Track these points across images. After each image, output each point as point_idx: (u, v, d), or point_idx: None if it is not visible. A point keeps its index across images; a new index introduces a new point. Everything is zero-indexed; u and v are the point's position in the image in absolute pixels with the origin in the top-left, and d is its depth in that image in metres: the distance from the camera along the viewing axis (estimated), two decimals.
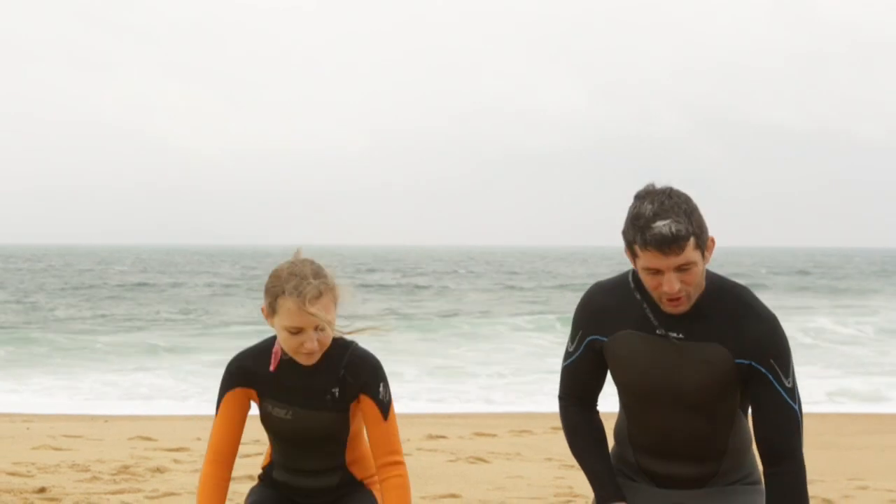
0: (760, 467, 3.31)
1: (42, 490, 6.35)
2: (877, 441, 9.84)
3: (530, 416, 11.67)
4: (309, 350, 3.23)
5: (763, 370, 3.02)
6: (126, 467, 7.31)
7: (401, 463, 3.30)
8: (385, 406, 3.30)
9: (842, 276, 57.64)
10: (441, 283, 46.28)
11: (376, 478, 3.46)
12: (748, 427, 3.23)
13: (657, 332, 3.06)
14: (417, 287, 42.92)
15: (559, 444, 9.18)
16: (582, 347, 3.16)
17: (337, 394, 3.28)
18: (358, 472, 3.42)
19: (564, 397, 3.25)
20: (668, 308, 3.01)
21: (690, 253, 2.92)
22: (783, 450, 3.02)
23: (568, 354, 3.21)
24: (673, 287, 2.94)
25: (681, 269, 2.93)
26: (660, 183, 3.00)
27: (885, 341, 21.04)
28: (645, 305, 3.08)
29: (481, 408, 13.18)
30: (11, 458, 7.60)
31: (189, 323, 25.63)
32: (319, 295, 3.20)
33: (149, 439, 9.00)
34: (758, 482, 3.28)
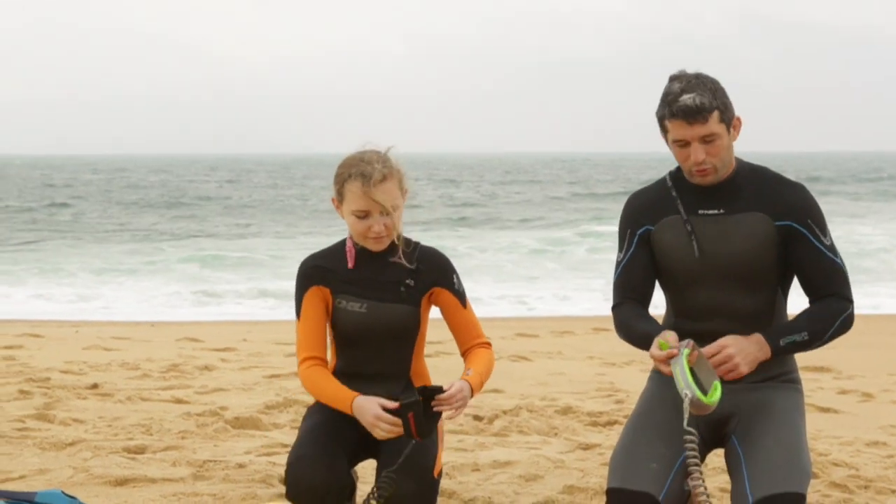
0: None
1: (95, 386, 6.58)
2: None
3: (572, 319, 11.82)
4: (376, 234, 3.34)
5: (801, 229, 3.20)
6: (175, 366, 7.53)
7: (488, 343, 3.44)
8: (461, 295, 3.43)
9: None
10: (487, 192, 46.15)
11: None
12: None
13: (699, 212, 3.21)
14: (458, 195, 42.86)
15: (601, 343, 9.32)
16: (634, 244, 3.33)
17: (412, 284, 3.38)
18: (418, 382, 3.47)
19: (618, 304, 3.36)
20: (696, 179, 3.24)
21: (714, 125, 3.15)
22: (832, 292, 3.20)
23: (619, 263, 3.37)
24: (699, 157, 3.18)
25: (705, 140, 3.17)
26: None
27: None
28: (679, 196, 3.26)
29: (524, 312, 13.34)
30: (63, 358, 7.85)
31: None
32: (383, 178, 3.32)
33: (196, 340, 9.23)
34: (797, 381, 3.37)
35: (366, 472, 4.11)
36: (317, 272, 3.44)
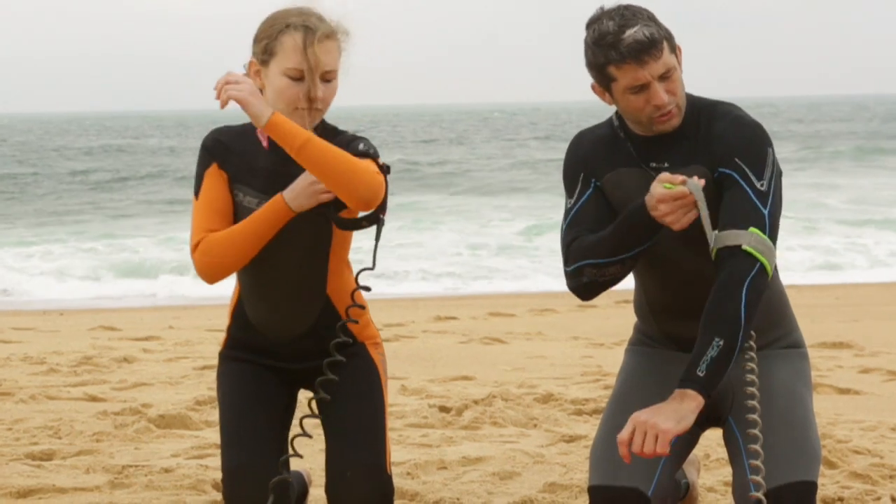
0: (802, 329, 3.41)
1: None
2: None
3: (554, 295, 11.89)
4: (314, 98, 3.17)
5: (729, 171, 3.11)
6: (88, 358, 7.52)
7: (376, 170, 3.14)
8: (361, 155, 3.18)
9: None
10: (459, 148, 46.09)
11: (380, 339, 3.51)
12: (777, 278, 3.33)
13: (648, 165, 3.20)
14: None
15: (586, 322, 9.40)
16: (589, 189, 3.27)
17: None
18: (340, 304, 3.36)
19: (568, 245, 3.24)
20: (659, 126, 3.17)
21: (668, 57, 3.11)
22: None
23: (568, 210, 3.29)
24: (662, 97, 3.11)
25: (663, 77, 3.11)
26: None
27: None
28: (629, 143, 3.24)
29: (498, 287, 13.41)
30: None
31: None
32: (329, 36, 3.21)
33: (112, 329, 9.22)
34: (799, 345, 3.36)
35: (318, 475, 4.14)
36: (218, 148, 3.29)
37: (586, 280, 3.22)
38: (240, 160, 3.29)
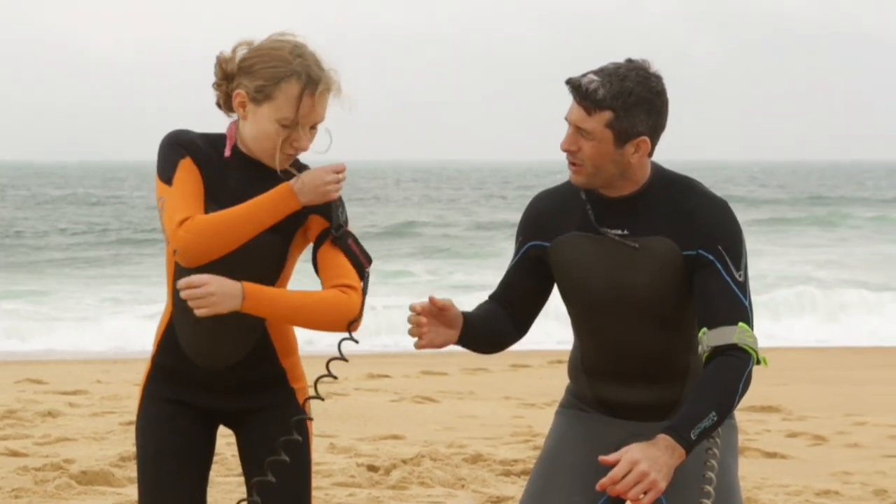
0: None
1: None
2: (882, 375, 10.15)
3: (486, 356, 11.88)
4: (301, 149, 3.15)
5: (711, 258, 3.12)
6: (11, 412, 7.41)
7: (354, 289, 3.16)
8: (339, 228, 3.18)
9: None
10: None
11: (307, 384, 3.40)
12: None
13: (600, 230, 3.19)
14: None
15: (519, 382, 9.40)
16: (520, 254, 3.30)
17: None
18: (280, 346, 3.25)
19: (491, 298, 3.33)
20: (570, 171, 3.20)
21: (594, 123, 3.09)
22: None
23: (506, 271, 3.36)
24: (565, 142, 3.14)
25: (579, 130, 3.12)
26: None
27: None
28: (588, 205, 3.23)
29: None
30: None
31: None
32: (328, 89, 3.16)
33: (39, 382, 9.08)
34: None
35: None
36: (193, 147, 3.19)
37: None
38: (212, 171, 3.20)
